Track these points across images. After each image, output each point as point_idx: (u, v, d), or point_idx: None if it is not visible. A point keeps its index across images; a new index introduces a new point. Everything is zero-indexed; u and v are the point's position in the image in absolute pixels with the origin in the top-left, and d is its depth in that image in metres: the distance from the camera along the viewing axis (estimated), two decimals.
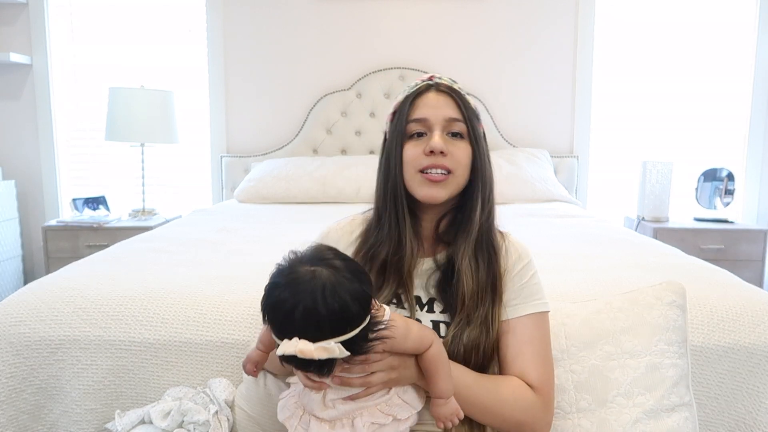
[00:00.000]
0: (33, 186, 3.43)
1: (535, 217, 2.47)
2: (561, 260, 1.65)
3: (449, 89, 0.98)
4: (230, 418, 1.17)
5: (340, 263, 0.79)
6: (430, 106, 0.97)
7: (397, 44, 3.35)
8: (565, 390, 1.07)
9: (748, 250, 2.93)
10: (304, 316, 0.73)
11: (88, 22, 3.37)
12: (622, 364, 1.07)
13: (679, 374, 1.07)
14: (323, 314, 0.73)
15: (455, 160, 0.96)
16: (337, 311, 0.74)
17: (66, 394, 1.26)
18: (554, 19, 3.33)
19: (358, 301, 0.76)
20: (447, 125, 0.96)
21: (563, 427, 1.06)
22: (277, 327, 0.77)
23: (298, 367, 0.78)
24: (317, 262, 0.78)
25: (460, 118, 0.97)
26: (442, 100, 0.97)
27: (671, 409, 1.05)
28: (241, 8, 3.34)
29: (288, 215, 2.53)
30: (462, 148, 0.97)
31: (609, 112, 3.41)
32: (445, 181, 0.96)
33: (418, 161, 0.95)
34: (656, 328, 1.09)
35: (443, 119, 0.96)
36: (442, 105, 0.97)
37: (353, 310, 0.75)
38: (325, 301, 0.74)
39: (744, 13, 3.32)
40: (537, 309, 0.99)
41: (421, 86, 0.99)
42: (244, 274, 1.47)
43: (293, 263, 0.79)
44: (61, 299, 1.32)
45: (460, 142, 0.97)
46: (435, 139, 0.94)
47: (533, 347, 0.97)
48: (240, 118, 3.42)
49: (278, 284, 0.77)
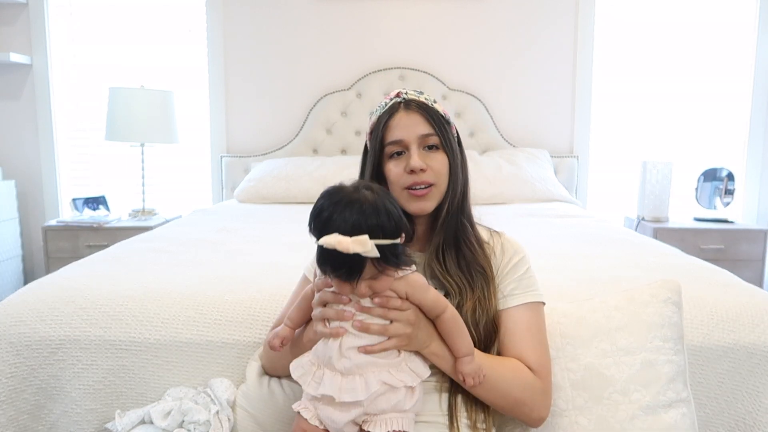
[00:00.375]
0: (33, 186, 3.43)
1: (535, 217, 2.47)
2: (561, 260, 1.65)
3: (418, 106, 1.05)
4: (231, 418, 1.17)
5: (383, 193, 0.90)
6: (402, 127, 1.04)
7: (397, 44, 3.35)
8: (561, 388, 1.08)
9: (748, 250, 2.93)
10: (345, 220, 0.83)
11: (88, 22, 3.37)
12: (618, 362, 1.08)
13: (675, 370, 1.07)
14: (362, 222, 0.84)
15: (435, 173, 1.03)
16: (375, 223, 0.84)
17: (66, 394, 1.26)
18: (554, 19, 3.34)
19: (395, 221, 0.86)
20: (422, 141, 1.04)
21: (561, 425, 1.06)
22: (320, 230, 0.86)
23: (333, 269, 0.86)
24: (362, 187, 0.90)
25: (432, 131, 1.04)
26: (413, 118, 1.04)
27: (668, 405, 1.05)
28: (241, 8, 3.34)
29: (288, 215, 2.53)
30: (439, 160, 1.04)
31: (609, 112, 3.41)
32: (429, 194, 1.04)
33: (403, 180, 1.03)
34: (651, 325, 1.10)
35: (417, 137, 1.03)
36: (414, 123, 1.04)
37: (388, 226, 0.85)
38: (364, 213, 0.84)
39: (744, 13, 3.32)
40: (533, 299, 1.05)
41: (393, 105, 1.06)
42: (245, 274, 1.47)
43: (337, 187, 0.90)
44: (62, 299, 1.32)
45: (436, 153, 1.04)
46: (414, 158, 1.02)
47: (531, 334, 1.02)
48: (240, 118, 3.42)
49: (326, 195, 0.89)
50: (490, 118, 3.33)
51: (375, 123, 1.08)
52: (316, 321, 0.94)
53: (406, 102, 1.06)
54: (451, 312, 0.94)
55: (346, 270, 0.85)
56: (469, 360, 0.94)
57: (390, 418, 0.90)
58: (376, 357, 0.90)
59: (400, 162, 1.04)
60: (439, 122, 1.05)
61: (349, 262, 0.84)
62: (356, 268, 0.85)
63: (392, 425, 0.90)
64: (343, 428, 0.90)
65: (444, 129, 1.05)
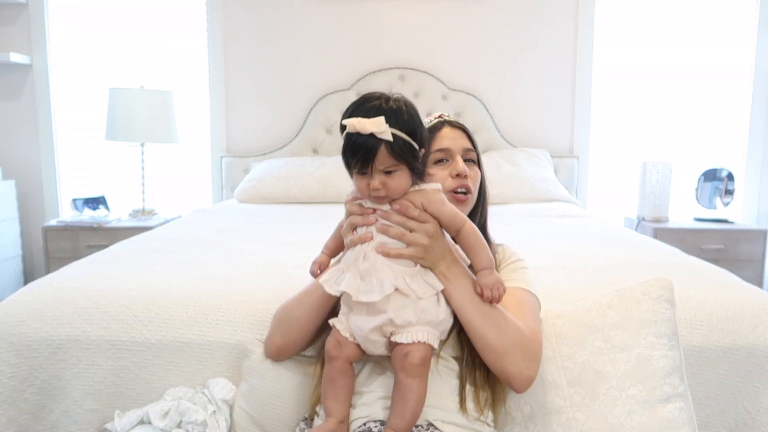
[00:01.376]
0: (33, 186, 3.43)
1: (534, 217, 2.47)
2: (560, 260, 1.65)
3: (459, 125, 1.19)
4: (227, 418, 1.17)
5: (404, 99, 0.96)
6: (449, 138, 1.16)
7: (397, 44, 3.35)
8: (558, 385, 1.10)
9: (748, 250, 2.93)
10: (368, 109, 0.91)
11: (88, 21, 3.37)
12: (613, 358, 1.09)
13: (670, 365, 1.09)
14: (383, 107, 0.91)
15: (472, 181, 1.16)
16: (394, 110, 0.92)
17: (66, 394, 1.26)
18: (554, 19, 3.34)
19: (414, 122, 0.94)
20: (464, 153, 1.16)
21: (559, 421, 1.07)
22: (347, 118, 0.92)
23: (351, 154, 0.92)
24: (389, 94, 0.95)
25: (472, 148, 1.18)
26: (458, 133, 1.18)
27: (665, 399, 1.06)
28: (241, 8, 3.34)
29: (288, 215, 2.53)
30: (475, 172, 1.18)
31: (609, 112, 3.41)
32: (466, 200, 1.15)
33: (447, 183, 1.12)
34: (644, 322, 1.11)
35: (461, 149, 1.16)
36: (459, 137, 1.17)
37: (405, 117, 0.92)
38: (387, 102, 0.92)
39: (744, 13, 3.32)
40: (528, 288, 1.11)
41: (436, 123, 1.18)
42: (245, 274, 1.47)
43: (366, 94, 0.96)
44: (62, 299, 1.32)
45: (473, 167, 1.18)
46: (460, 164, 1.13)
47: (524, 308, 1.06)
48: (240, 118, 3.42)
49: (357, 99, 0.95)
50: (490, 118, 3.33)
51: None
52: (345, 234, 1.01)
53: (450, 122, 1.19)
54: (470, 226, 0.99)
55: (363, 154, 0.91)
56: (489, 272, 0.98)
57: (416, 330, 0.94)
58: (393, 262, 0.95)
59: (445, 168, 1.14)
60: (474, 143, 1.20)
61: (366, 145, 0.90)
62: (372, 152, 0.90)
63: (417, 336, 0.93)
64: (369, 335, 0.95)
65: (478, 149, 1.20)
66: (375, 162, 0.91)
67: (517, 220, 2.37)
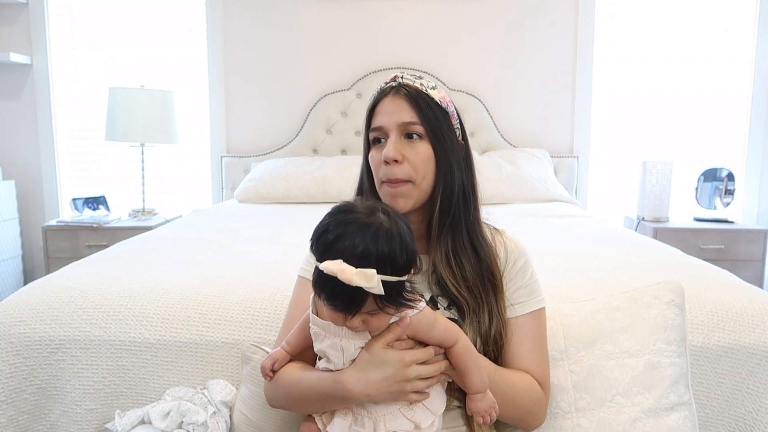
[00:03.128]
0: (33, 186, 3.43)
1: (535, 217, 2.47)
2: (561, 260, 1.65)
3: (407, 91, 0.97)
4: (227, 420, 1.17)
5: (397, 218, 0.81)
6: (385, 113, 0.97)
7: (397, 44, 3.35)
8: (564, 390, 1.08)
9: (748, 250, 2.93)
10: (353, 246, 0.75)
11: (88, 22, 3.37)
12: (621, 364, 1.07)
13: (678, 373, 1.07)
14: (372, 250, 0.75)
15: (412, 166, 0.95)
16: (386, 254, 0.76)
17: (66, 394, 1.26)
18: (554, 19, 3.33)
19: (406, 254, 0.78)
20: (403, 129, 0.96)
21: (563, 427, 1.06)
22: (322, 251, 0.77)
23: (329, 297, 0.77)
24: (377, 209, 0.81)
25: (416, 120, 0.95)
26: (398, 103, 0.96)
27: (670, 408, 1.05)
28: (241, 8, 3.34)
29: (288, 215, 2.53)
30: (421, 151, 0.95)
31: (609, 112, 3.41)
32: (403, 191, 0.95)
33: (381, 171, 0.97)
34: (654, 327, 1.09)
35: (397, 125, 0.96)
36: (397, 109, 0.96)
37: (399, 260, 0.77)
38: (377, 241, 0.76)
39: (744, 13, 3.32)
40: (537, 306, 1.02)
41: (385, 89, 1.00)
42: (244, 275, 1.47)
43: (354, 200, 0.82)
44: (61, 299, 1.32)
45: (418, 144, 0.96)
46: (387, 146, 0.95)
47: (534, 345, 1.00)
48: (240, 118, 3.42)
49: (336, 212, 0.79)
50: (490, 118, 3.33)
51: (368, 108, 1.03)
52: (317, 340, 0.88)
53: (398, 87, 0.98)
54: (463, 344, 0.87)
55: (344, 302, 0.77)
56: (481, 397, 0.87)
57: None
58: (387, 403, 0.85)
59: (380, 150, 0.97)
60: (428, 110, 0.96)
61: (349, 295, 0.75)
62: (355, 303, 0.76)
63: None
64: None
65: (434, 118, 0.96)
66: (358, 309, 0.78)
67: (517, 220, 2.37)
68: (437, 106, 0.97)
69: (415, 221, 1.00)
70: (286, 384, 0.93)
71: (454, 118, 1.01)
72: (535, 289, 1.03)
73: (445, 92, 1.02)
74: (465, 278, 0.96)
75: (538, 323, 1.02)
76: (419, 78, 1.00)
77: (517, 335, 0.99)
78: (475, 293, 0.96)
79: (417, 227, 1.01)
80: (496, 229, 1.06)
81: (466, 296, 0.96)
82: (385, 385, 0.82)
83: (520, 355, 0.99)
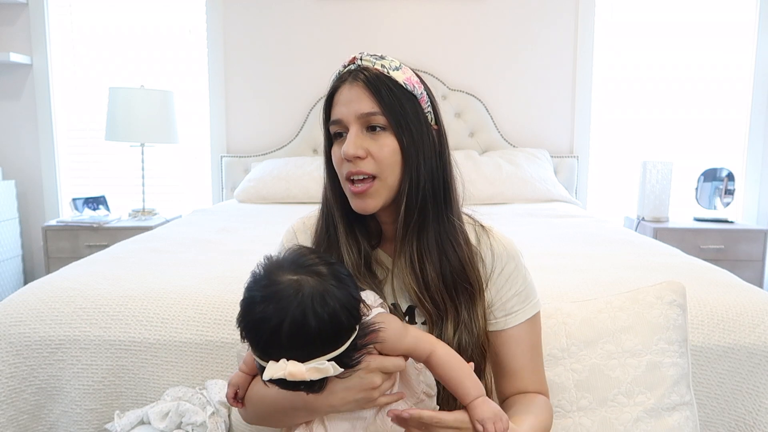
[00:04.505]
0: (33, 186, 3.43)
1: (534, 217, 2.47)
2: (561, 260, 1.65)
3: (366, 76, 0.85)
4: (226, 420, 1.17)
5: (325, 269, 0.72)
6: (343, 103, 0.86)
7: (397, 44, 3.34)
8: (565, 389, 1.08)
9: (748, 250, 2.93)
10: (291, 332, 0.67)
11: (88, 22, 3.36)
12: (623, 363, 1.07)
13: (679, 373, 1.07)
14: (313, 328, 0.67)
15: (377, 161, 0.84)
16: (328, 323, 0.68)
17: (66, 394, 1.26)
18: (554, 19, 3.33)
19: (348, 309, 0.70)
20: (363, 121, 0.85)
21: (564, 426, 1.06)
22: (261, 347, 0.70)
23: (286, 388, 0.71)
24: (300, 270, 0.71)
25: (377, 110, 0.84)
26: (356, 92, 0.85)
27: (672, 408, 1.05)
28: (241, 8, 3.34)
29: (288, 215, 2.52)
30: (385, 144, 0.84)
31: (609, 112, 3.41)
32: (370, 189, 0.85)
33: (342, 168, 0.87)
34: (657, 327, 1.09)
35: (356, 116, 0.84)
36: (356, 98, 0.84)
37: (344, 321, 0.70)
38: (315, 313, 0.67)
39: (744, 13, 3.32)
40: (533, 312, 0.95)
41: (342, 75, 0.89)
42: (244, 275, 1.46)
43: (272, 271, 0.72)
44: (61, 299, 1.32)
45: (382, 136, 0.85)
46: (347, 142, 0.84)
47: (531, 354, 0.95)
48: (240, 118, 3.42)
49: (259, 298, 0.70)
50: (490, 118, 3.33)
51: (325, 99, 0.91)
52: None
53: (356, 71, 0.87)
54: (442, 350, 0.78)
55: (305, 388, 0.71)
56: (482, 401, 0.76)
57: None
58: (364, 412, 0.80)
59: (341, 146, 0.86)
60: (391, 97, 0.84)
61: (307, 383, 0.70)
62: (317, 386, 0.71)
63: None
64: None
65: (398, 105, 0.84)
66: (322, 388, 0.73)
67: (517, 220, 2.36)
68: (402, 90, 0.86)
69: (386, 221, 0.93)
70: (253, 401, 0.87)
71: (423, 100, 0.88)
72: (529, 294, 0.95)
73: (411, 72, 0.89)
74: (427, 285, 0.87)
75: (535, 329, 0.96)
76: (380, 58, 0.88)
77: (515, 346, 0.93)
78: (437, 301, 0.87)
79: (388, 227, 0.93)
80: (483, 226, 0.95)
81: (429, 306, 0.87)
82: (348, 394, 0.76)
83: (520, 367, 0.93)
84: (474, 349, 0.89)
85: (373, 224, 0.94)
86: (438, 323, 0.87)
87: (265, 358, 0.70)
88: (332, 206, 0.93)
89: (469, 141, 3.29)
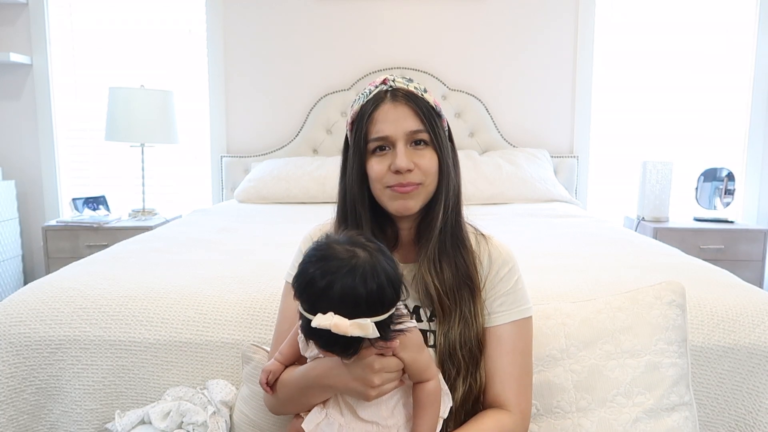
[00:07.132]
0: (33, 186, 3.43)
1: (534, 217, 2.47)
2: (561, 260, 1.65)
3: (406, 96, 0.94)
4: (227, 420, 1.17)
5: (374, 246, 0.82)
6: (389, 122, 0.93)
7: (396, 44, 3.34)
8: (565, 389, 1.07)
9: (748, 250, 2.93)
10: (342, 293, 0.75)
11: (88, 22, 3.36)
12: (622, 364, 1.07)
13: (679, 374, 1.07)
14: (362, 293, 0.76)
15: (422, 172, 0.94)
16: (375, 292, 0.77)
17: (66, 394, 1.26)
18: (554, 19, 3.33)
19: (393, 284, 0.79)
20: (409, 137, 0.93)
21: (563, 427, 1.06)
22: (311, 302, 0.77)
23: (324, 346, 0.79)
24: (356, 244, 0.81)
25: (422, 127, 0.93)
26: (401, 110, 0.93)
27: (671, 408, 1.05)
28: (241, 8, 3.34)
29: (288, 215, 2.53)
30: (428, 157, 0.94)
31: (609, 113, 3.41)
32: (415, 192, 0.94)
33: (386, 179, 0.94)
34: (656, 328, 1.09)
35: (404, 133, 0.93)
36: (401, 117, 0.93)
37: (388, 293, 0.78)
38: (364, 281, 0.76)
39: (744, 13, 3.32)
40: (520, 315, 0.98)
41: (378, 94, 0.95)
42: (244, 275, 1.47)
43: (331, 242, 0.81)
44: (61, 299, 1.32)
45: (425, 150, 0.94)
46: (400, 157, 0.91)
47: (513, 358, 0.96)
48: (240, 118, 3.42)
49: (316, 260, 0.78)
50: (490, 118, 3.33)
51: (358, 113, 0.97)
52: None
53: (393, 91, 0.94)
54: (434, 385, 0.86)
55: (340, 349, 0.79)
56: None
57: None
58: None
59: (385, 159, 0.94)
60: (430, 116, 0.94)
61: (344, 343, 0.77)
62: (351, 348, 0.78)
63: None
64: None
65: (434, 123, 0.95)
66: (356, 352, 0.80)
67: (517, 220, 2.36)
68: (432, 111, 0.96)
69: (404, 227, 1.01)
70: (278, 388, 0.95)
71: (444, 120, 1.00)
72: (520, 298, 0.99)
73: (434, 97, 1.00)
74: (444, 283, 0.95)
75: (521, 334, 0.97)
76: (410, 81, 0.98)
77: (496, 345, 0.96)
78: (449, 299, 0.95)
79: (407, 233, 1.01)
80: (483, 234, 1.03)
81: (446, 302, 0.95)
82: (348, 380, 0.84)
83: (498, 367, 0.95)
84: (472, 346, 0.95)
85: (390, 231, 1.01)
86: (447, 319, 0.94)
87: (313, 312, 0.77)
88: (360, 212, 0.98)
89: (469, 141, 3.29)
